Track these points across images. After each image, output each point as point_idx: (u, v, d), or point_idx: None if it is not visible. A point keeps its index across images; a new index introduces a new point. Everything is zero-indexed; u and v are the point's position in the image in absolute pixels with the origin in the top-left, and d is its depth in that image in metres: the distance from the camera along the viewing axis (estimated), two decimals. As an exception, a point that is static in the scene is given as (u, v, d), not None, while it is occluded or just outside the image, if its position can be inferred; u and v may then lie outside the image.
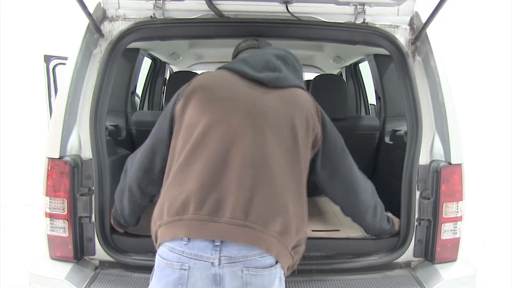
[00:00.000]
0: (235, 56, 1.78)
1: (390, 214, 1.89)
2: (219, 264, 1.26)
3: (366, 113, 3.90)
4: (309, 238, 1.86)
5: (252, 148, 1.35)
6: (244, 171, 1.32)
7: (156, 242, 1.38)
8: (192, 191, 1.31)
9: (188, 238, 1.28)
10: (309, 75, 4.49)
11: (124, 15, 1.92)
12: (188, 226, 1.28)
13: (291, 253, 1.35)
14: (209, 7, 1.88)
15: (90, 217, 1.83)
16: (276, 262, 1.31)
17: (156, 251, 1.37)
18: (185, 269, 1.26)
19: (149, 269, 1.41)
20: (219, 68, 1.57)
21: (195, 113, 1.42)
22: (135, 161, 1.60)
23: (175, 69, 4.32)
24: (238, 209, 1.28)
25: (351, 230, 2.14)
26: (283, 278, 1.37)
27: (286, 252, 1.33)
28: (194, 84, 1.49)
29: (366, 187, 1.69)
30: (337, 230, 2.18)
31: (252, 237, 1.27)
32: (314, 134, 1.49)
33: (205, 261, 1.26)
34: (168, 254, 1.30)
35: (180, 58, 3.83)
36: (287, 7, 1.89)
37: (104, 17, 1.92)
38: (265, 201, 1.31)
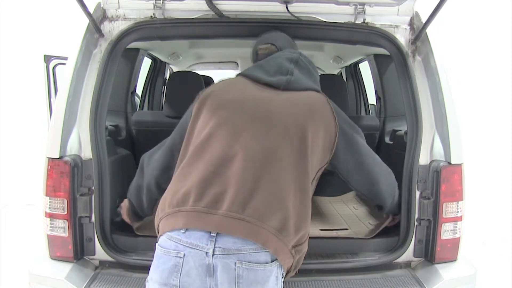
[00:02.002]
0: (255, 61, 1.78)
1: None
2: (213, 255, 1.27)
3: (366, 113, 3.89)
4: (309, 238, 1.86)
5: (256, 145, 1.38)
6: (246, 167, 1.35)
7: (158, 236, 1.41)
8: (193, 184, 1.34)
9: (186, 228, 1.30)
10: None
11: (124, 15, 1.92)
12: (186, 217, 1.31)
13: (292, 252, 1.35)
14: (209, 7, 1.88)
15: (90, 217, 1.83)
16: (273, 260, 1.31)
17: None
18: (180, 257, 1.28)
19: (149, 269, 1.41)
20: (237, 75, 1.64)
21: (206, 117, 1.49)
22: (153, 159, 1.65)
23: (175, 69, 4.32)
24: (236, 203, 1.30)
25: (358, 229, 2.14)
26: (281, 279, 1.36)
27: (285, 249, 1.33)
28: (209, 90, 1.57)
29: (387, 178, 1.73)
30: (345, 229, 2.18)
31: (248, 231, 1.28)
32: (328, 135, 1.50)
33: (200, 250, 1.27)
34: (166, 243, 1.33)
35: (180, 58, 3.83)
36: (287, 7, 1.89)
37: (104, 17, 1.92)
38: (264, 196, 1.33)
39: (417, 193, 1.87)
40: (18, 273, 3.04)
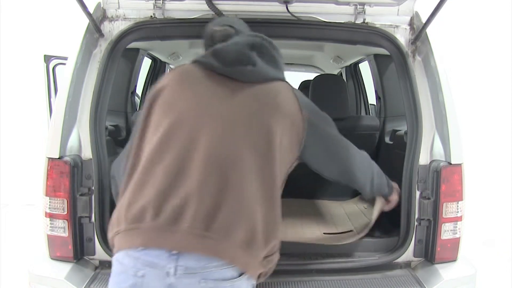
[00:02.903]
0: (209, 45, 1.51)
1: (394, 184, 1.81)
2: (175, 274, 1.16)
3: (366, 113, 3.90)
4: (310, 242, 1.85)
5: (216, 151, 1.24)
6: (207, 174, 1.21)
7: (112, 250, 1.30)
8: (150, 197, 1.21)
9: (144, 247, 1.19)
10: (309, 75, 4.50)
11: (124, 15, 1.92)
12: (144, 235, 1.19)
13: (263, 263, 1.26)
14: (209, 7, 1.88)
15: (90, 217, 1.83)
16: (240, 274, 1.21)
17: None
18: (138, 276, 1.17)
19: None
20: (192, 62, 1.44)
21: (160, 114, 1.33)
22: (122, 169, 1.48)
23: (175, 69, 4.31)
24: (199, 217, 1.18)
25: (365, 231, 2.13)
26: None
27: (255, 263, 1.23)
28: (161, 84, 1.39)
29: (362, 164, 1.60)
30: (350, 231, 2.16)
31: (213, 248, 1.17)
32: (295, 130, 1.37)
33: (160, 270, 1.16)
34: (124, 259, 1.21)
35: (180, 58, 3.83)
36: (287, 7, 1.89)
37: (104, 17, 1.92)
38: (229, 209, 1.20)
39: (417, 193, 1.87)
40: (18, 273, 3.04)
